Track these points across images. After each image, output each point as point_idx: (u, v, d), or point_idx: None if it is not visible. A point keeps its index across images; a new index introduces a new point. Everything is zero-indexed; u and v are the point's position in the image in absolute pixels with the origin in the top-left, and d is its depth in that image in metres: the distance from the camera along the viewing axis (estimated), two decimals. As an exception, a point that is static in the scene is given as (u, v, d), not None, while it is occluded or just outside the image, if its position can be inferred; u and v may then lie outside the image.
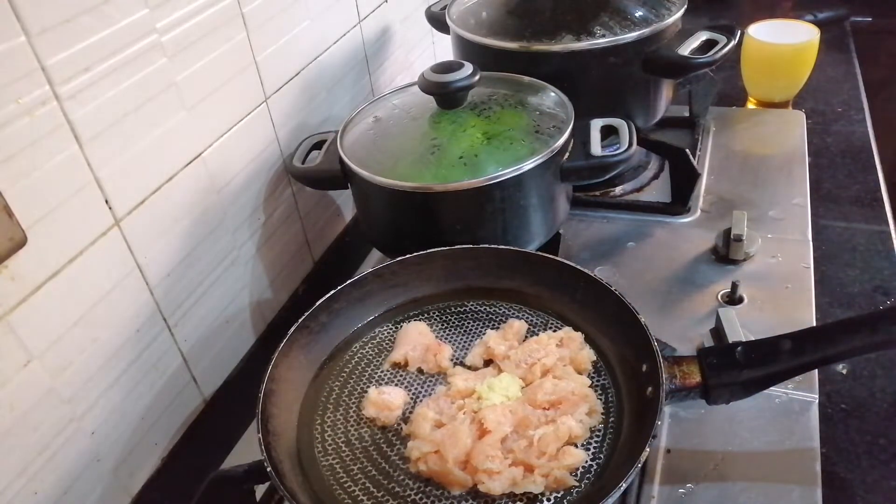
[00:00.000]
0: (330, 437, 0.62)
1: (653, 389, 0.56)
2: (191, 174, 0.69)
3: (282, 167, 0.84)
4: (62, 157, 0.55)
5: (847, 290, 0.81)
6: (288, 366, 0.64)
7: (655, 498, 0.62)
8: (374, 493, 0.56)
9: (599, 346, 0.66)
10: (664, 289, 0.83)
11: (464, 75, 0.77)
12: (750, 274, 0.83)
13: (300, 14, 0.84)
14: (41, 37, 0.51)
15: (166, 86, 0.64)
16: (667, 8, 0.93)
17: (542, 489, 0.54)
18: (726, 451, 0.65)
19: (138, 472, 0.67)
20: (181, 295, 0.70)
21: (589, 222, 0.95)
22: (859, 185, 0.98)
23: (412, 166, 0.75)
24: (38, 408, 0.56)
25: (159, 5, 0.62)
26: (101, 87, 0.57)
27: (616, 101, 0.93)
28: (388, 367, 0.68)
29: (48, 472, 0.57)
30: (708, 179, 1.00)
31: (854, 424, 0.67)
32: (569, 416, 0.58)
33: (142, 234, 0.64)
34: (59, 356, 0.57)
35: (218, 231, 0.74)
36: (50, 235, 0.54)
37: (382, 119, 0.84)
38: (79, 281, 0.58)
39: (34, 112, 0.52)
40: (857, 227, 0.90)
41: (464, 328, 0.71)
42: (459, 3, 1.03)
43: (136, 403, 0.66)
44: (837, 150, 1.05)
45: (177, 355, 0.70)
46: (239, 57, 0.74)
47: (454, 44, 1.01)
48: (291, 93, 0.84)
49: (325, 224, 0.96)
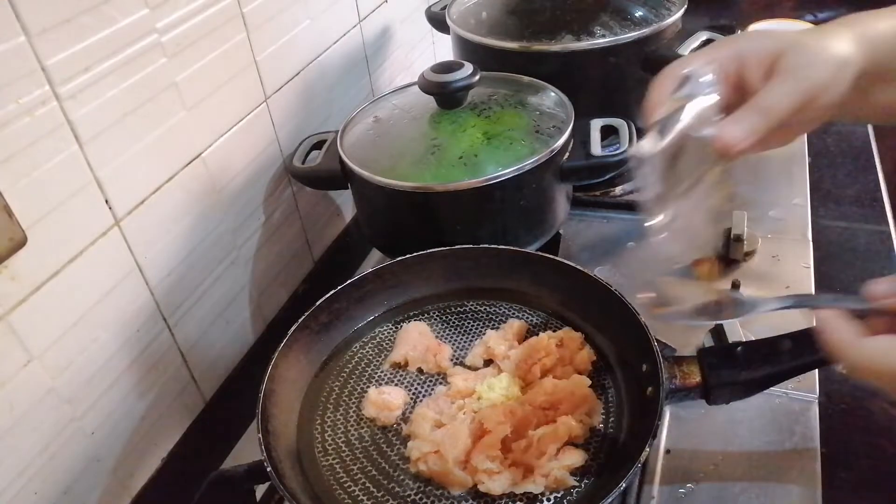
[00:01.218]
0: (330, 437, 0.62)
1: (653, 389, 0.56)
2: (191, 174, 0.69)
3: (282, 167, 0.84)
4: (62, 157, 0.55)
5: (847, 290, 0.81)
6: (288, 366, 0.64)
7: (655, 498, 0.62)
8: (374, 493, 0.56)
9: (599, 346, 0.66)
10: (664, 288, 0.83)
11: (464, 75, 0.77)
12: (750, 274, 0.83)
13: (300, 14, 0.84)
14: (41, 37, 0.51)
15: (166, 86, 0.64)
16: (667, 8, 0.93)
17: (542, 489, 0.54)
18: (726, 451, 0.65)
19: (138, 472, 0.67)
20: (181, 295, 0.70)
21: (589, 222, 0.95)
22: (859, 185, 0.98)
23: (412, 166, 0.75)
24: (38, 408, 0.56)
25: (159, 5, 0.62)
26: (101, 87, 0.57)
27: (616, 101, 0.93)
28: (388, 367, 0.68)
29: (48, 472, 0.57)
30: (708, 179, 1.00)
31: (854, 424, 0.67)
32: (569, 416, 0.58)
33: (142, 234, 0.64)
34: (59, 356, 0.57)
35: (218, 231, 0.74)
36: (50, 235, 0.54)
37: (382, 119, 0.84)
38: (79, 281, 0.58)
39: (34, 112, 0.52)
40: (857, 227, 0.90)
41: (464, 328, 0.71)
42: (459, 3, 1.03)
43: (136, 403, 0.66)
44: (837, 150, 1.05)
45: (177, 355, 0.70)
46: (239, 57, 0.74)
47: (454, 44, 1.01)
48: (291, 93, 0.84)
49: (325, 224, 0.96)
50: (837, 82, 0.48)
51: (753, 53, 0.49)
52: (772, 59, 0.48)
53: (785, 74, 0.47)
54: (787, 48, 0.48)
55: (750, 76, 0.49)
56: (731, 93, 0.50)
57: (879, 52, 0.49)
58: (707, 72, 0.50)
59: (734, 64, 0.50)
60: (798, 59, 0.47)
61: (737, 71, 0.50)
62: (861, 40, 0.49)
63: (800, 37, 0.49)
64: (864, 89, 0.50)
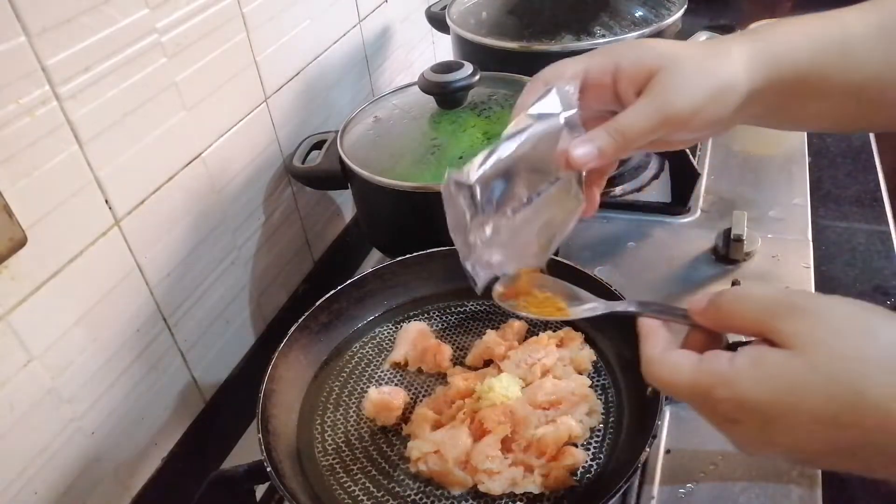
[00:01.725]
0: (330, 437, 0.62)
1: (653, 389, 0.56)
2: (191, 174, 0.69)
3: (282, 167, 0.84)
4: (62, 157, 0.55)
5: (847, 290, 0.81)
6: (288, 366, 0.64)
7: (655, 498, 0.62)
8: (374, 493, 0.56)
9: (599, 346, 0.66)
10: (664, 289, 0.83)
11: (464, 75, 0.77)
12: (750, 274, 0.83)
13: (300, 14, 0.84)
14: (41, 37, 0.51)
15: (166, 86, 0.64)
16: (667, 8, 0.93)
17: (542, 489, 0.54)
18: (726, 451, 0.65)
19: (138, 472, 0.67)
20: (181, 295, 0.70)
21: (589, 222, 0.95)
22: (859, 185, 0.98)
23: (412, 166, 0.75)
24: (38, 408, 0.56)
25: (159, 5, 0.62)
26: (101, 87, 0.57)
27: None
28: (388, 367, 0.68)
29: (48, 472, 0.57)
30: (708, 179, 1.00)
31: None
32: (569, 416, 0.58)
33: (142, 234, 0.64)
34: (59, 356, 0.57)
35: (218, 231, 0.74)
36: (50, 235, 0.54)
37: (382, 119, 0.84)
38: (79, 281, 0.58)
39: (34, 112, 0.52)
40: (857, 227, 0.90)
41: (464, 328, 0.71)
42: (459, 3, 1.03)
43: (136, 403, 0.66)
44: (837, 150, 1.05)
45: (177, 355, 0.70)
46: (239, 57, 0.74)
47: (454, 44, 1.01)
48: (291, 93, 0.84)
49: (325, 224, 0.96)
50: (718, 105, 0.46)
51: (629, 66, 0.47)
52: (645, 76, 0.46)
53: (650, 97, 0.45)
54: (662, 67, 0.46)
55: (622, 90, 0.47)
56: (601, 102, 0.49)
57: (785, 68, 0.46)
58: (569, 84, 0.48)
59: (608, 76, 0.48)
60: (669, 81, 0.45)
61: (611, 83, 0.48)
62: (762, 57, 0.46)
63: (683, 53, 0.46)
64: (781, 104, 0.48)
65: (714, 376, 0.36)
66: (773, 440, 0.35)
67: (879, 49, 0.47)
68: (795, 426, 0.34)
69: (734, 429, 0.37)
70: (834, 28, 0.47)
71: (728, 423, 0.37)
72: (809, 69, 0.47)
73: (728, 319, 0.39)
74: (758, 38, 0.47)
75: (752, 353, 0.36)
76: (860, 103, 0.48)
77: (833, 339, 0.34)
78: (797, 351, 0.34)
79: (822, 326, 0.35)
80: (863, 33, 0.47)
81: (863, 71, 0.47)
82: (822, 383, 0.33)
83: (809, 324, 0.35)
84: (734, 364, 0.36)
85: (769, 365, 0.35)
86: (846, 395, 0.33)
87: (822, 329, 0.35)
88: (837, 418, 0.33)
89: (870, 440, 0.33)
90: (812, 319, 0.35)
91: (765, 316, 0.37)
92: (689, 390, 0.38)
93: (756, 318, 0.37)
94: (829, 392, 0.33)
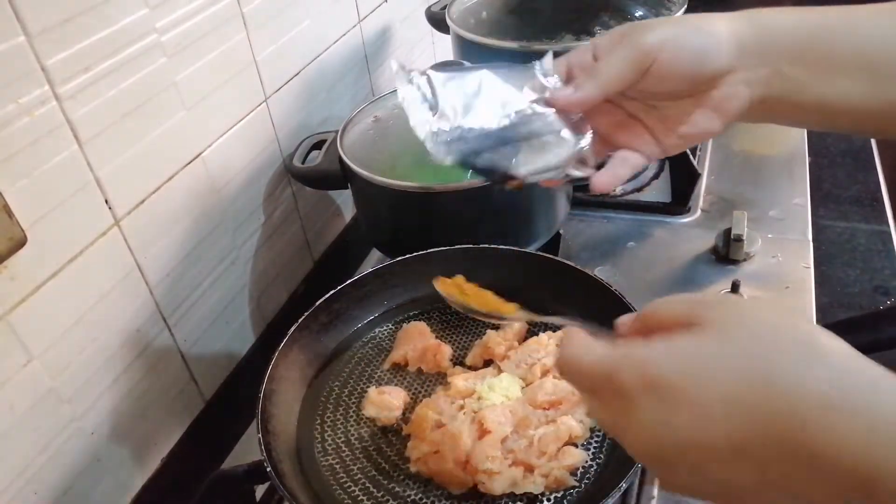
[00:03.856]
0: (330, 437, 0.62)
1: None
2: (191, 174, 0.69)
3: (282, 167, 0.84)
4: (62, 157, 0.55)
5: (847, 290, 0.81)
6: (288, 366, 0.64)
7: (655, 498, 0.62)
8: (374, 493, 0.56)
9: (599, 346, 0.66)
10: (664, 289, 0.83)
11: (464, 75, 0.77)
12: (750, 274, 0.83)
13: (300, 14, 0.84)
14: (41, 37, 0.51)
15: (166, 86, 0.64)
16: (667, 8, 0.93)
17: (542, 489, 0.54)
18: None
19: (138, 472, 0.67)
20: (181, 295, 0.70)
21: (589, 222, 0.95)
22: (859, 185, 0.98)
23: (412, 166, 0.75)
24: (38, 408, 0.56)
25: (159, 5, 0.62)
26: (100, 87, 0.57)
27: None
28: (388, 367, 0.68)
29: (48, 472, 0.57)
30: (708, 179, 1.00)
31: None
32: (569, 416, 0.58)
33: (142, 234, 0.64)
34: (59, 356, 0.57)
35: (218, 231, 0.74)
36: (50, 235, 0.54)
37: (382, 119, 0.84)
38: (79, 281, 0.58)
39: (34, 112, 0.52)
40: (857, 227, 0.90)
41: (464, 328, 0.71)
42: (459, 3, 1.03)
43: (136, 403, 0.66)
44: (837, 150, 1.05)
45: (177, 355, 0.70)
46: (239, 57, 0.74)
47: (454, 44, 1.01)
48: (291, 93, 0.84)
49: (325, 224, 0.96)
50: (689, 44, 0.46)
51: (603, 40, 0.50)
52: (618, 38, 0.48)
53: (623, 41, 0.48)
54: (633, 26, 0.49)
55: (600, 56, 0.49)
56: None
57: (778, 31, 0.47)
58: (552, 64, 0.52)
59: (588, 54, 0.50)
60: (639, 28, 0.48)
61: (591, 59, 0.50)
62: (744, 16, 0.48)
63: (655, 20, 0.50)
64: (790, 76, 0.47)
65: (626, 357, 0.35)
66: (670, 422, 0.32)
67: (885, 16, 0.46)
68: (700, 404, 0.32)
69: (629, 416, 0.34)
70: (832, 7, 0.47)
71: (622, 412, 0.34)
72: (809, 39, 0.47)
73: (655, 317, 0.38)
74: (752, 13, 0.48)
75: (666, 336, 0.35)
76: (875, 79, 0.47)
77: (752, 323, 0.33)
78: (713, 331, 0.33)
79: (743, 314, 0.34)
80: (867, 7, 0.47)
81: (872, 42, 0.46)
82: (733, 359, 0.32)
83: (731, 311, 0.34)
84: (648, 346, 0.35)
85: (683, 344, 0.34)
86: (755, 376, 0.31)
87: (743, 315, 0.34)
88: (744, 398, 0.31)
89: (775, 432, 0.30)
90: (736, 308, 0.35)
91: (692, 306, 0.36)
92: (595, 368, 0.36)
93: (683, 310, 0.36)
94: (738, 368, 0.32)
